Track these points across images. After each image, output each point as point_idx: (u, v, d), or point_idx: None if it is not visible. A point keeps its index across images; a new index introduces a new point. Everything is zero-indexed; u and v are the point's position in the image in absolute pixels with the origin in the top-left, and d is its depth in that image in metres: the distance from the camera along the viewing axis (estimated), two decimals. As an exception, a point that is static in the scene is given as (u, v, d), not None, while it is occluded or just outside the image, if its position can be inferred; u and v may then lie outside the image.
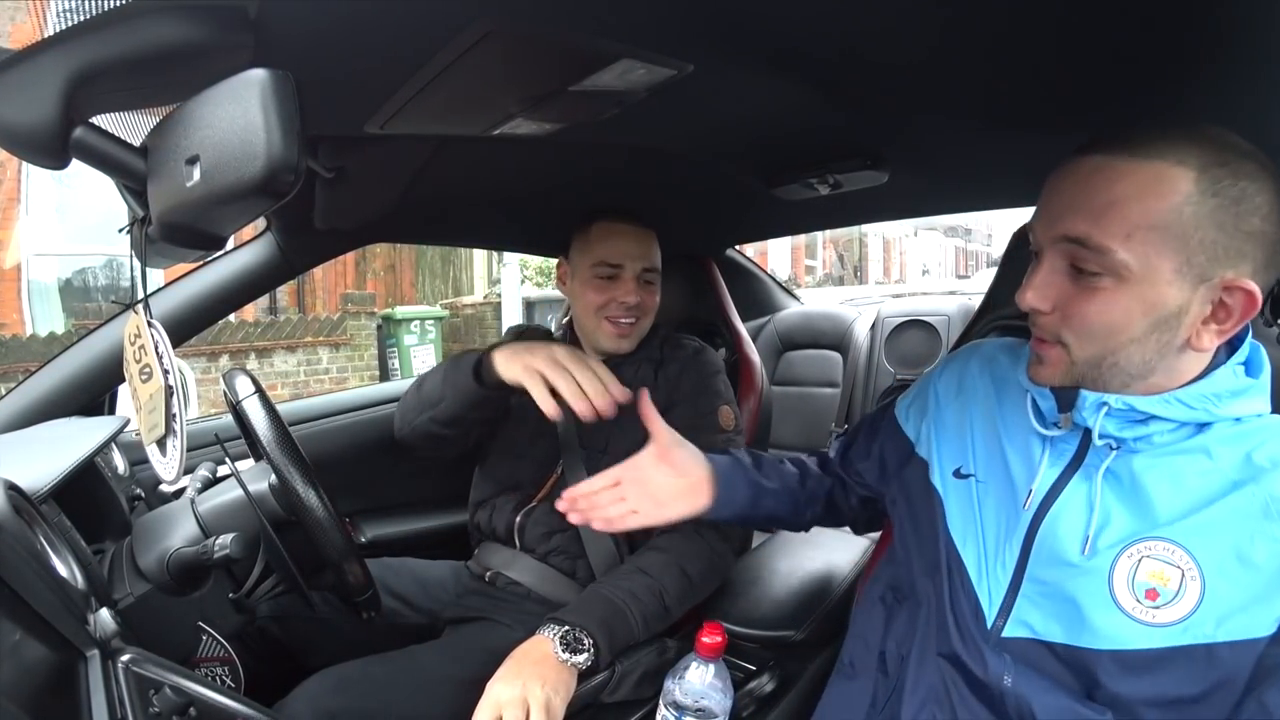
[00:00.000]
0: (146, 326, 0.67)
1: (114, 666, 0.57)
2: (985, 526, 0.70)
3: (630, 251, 1.13)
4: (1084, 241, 0.57)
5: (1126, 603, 0.59)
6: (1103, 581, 0.60)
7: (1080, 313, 0.59)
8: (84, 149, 0.48)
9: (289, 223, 1.17)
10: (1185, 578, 0.57)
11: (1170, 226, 0.55)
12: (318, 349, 6.08)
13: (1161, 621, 0.58)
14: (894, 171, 1.04)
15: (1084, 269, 0.58)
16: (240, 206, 0.46)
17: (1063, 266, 0.60)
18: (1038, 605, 0.64)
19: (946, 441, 0.77)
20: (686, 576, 0.97)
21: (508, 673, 0.79)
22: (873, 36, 0.64)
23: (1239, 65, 0.68)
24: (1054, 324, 0.61)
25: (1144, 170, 0.56)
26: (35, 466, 0.74)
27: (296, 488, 0.81)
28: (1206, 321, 0.58)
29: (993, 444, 0.73)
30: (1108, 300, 0.58)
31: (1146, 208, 0.55)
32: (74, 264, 6.47)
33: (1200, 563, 0.57)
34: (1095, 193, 0.57)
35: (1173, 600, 0.57)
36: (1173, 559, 0.58)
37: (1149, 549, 0.59)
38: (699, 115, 0.84)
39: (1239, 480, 0.59)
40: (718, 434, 1.11)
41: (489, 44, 0.58)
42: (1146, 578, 0.59)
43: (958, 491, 0.74)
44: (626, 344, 1.15)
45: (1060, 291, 0.60)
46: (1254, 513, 0.57)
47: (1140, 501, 0.61)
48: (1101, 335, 0.59)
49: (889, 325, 2.31)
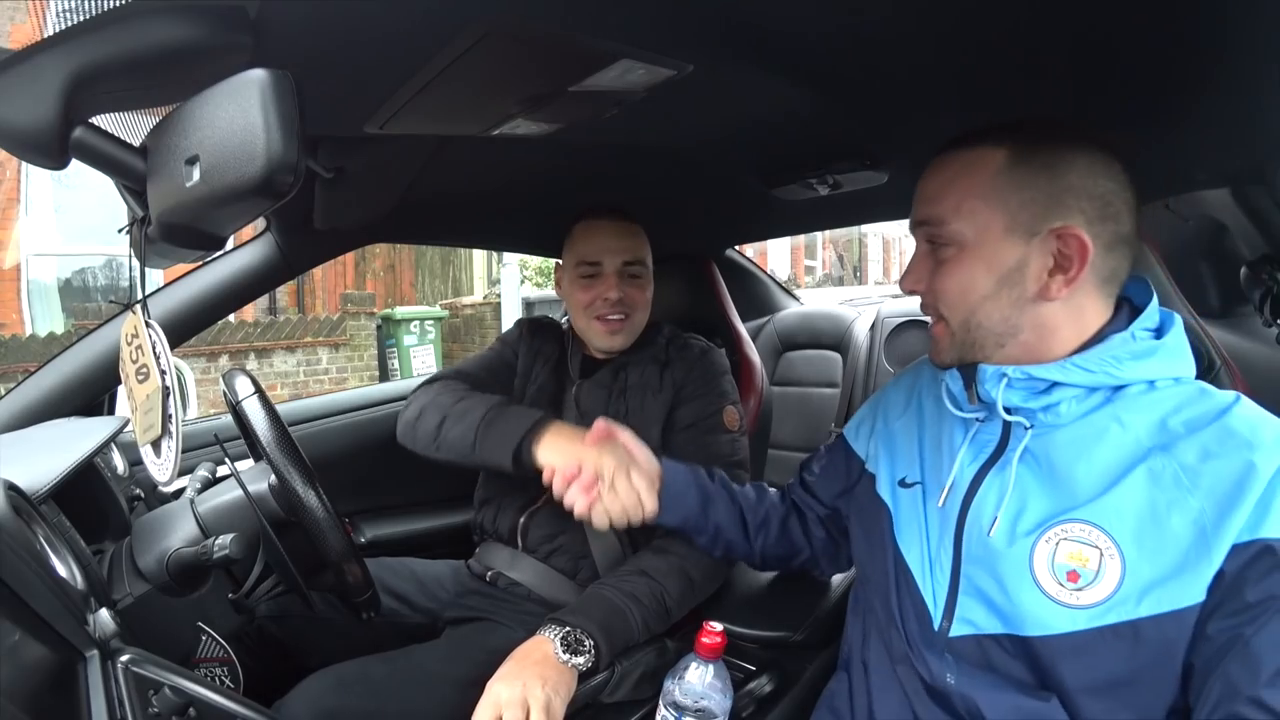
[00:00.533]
0: (144, 327, 0.67)
1: (113, 667, 0.57)
2: (928, 529, 0.72)
3: (608, 247, 1.12)
4: (928, 221, 0.68)
5: (1050, 587, 0.60)
6: (1024, 567, 0.61)
7: (941, 285, 0.68)
8: (84, 149, 0.48)
9: (288, 223, 1.17)
10: (1104, 557, 0.58)
11: (990, 193, 0.64)
12: (317, 349, 6.08)
13: (1085, 603, 0.58)
14: (894, 171, 1.04)
15: (935, 243, 0.68)
16: (240, 206, 0.46)
17: (924, 249, 0.70)
18: (976, 600, 0.65)
19: (895, 453, 0.80)
20: (689, 579, 0.97)
21: (508, 673, 0.79)
22: (872, 37, 0.65)
23: (1244, 65, 0.69)
24: (930, 301, 0.70)
25: (964, 156, 0.67)
26: (35, 466, 0.74)
27: (296, 488, 0.81)
28: (1053, 273, 0.64)
29: (927, 447, 0.76)
30: (956, 266, 0.66)
31: (968, 182, 0.66)
32: (73, 264, 6.47)
33: (1118, 540, 0.58)
34: (931, 181, 0.69)
35: (1093, 581, 0.58)
36: (1090, 539, 0.59)
37: (1066, 531, 0.60)
38: (699, 115, 0.85)
39: (1151, 447, 0.60)
40: (722, 434, 1.11)
41: (488, 44, 0.58)
42: (1066, 559, 0.60)
43: (905, 500, 0.75)
44: (619, 340, 1.15)
45: (926, 270, 0.69)
46: (1167, 482, 0.58)
47: (1056, 482, 0.63)
48: (959, 299, 0.67)
49: (889, 325, 2.30)
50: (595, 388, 1.16)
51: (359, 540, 1.48)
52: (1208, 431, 0.59)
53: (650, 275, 1.18)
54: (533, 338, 1.24)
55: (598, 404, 1.14)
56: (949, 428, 0.74)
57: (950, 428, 0.74)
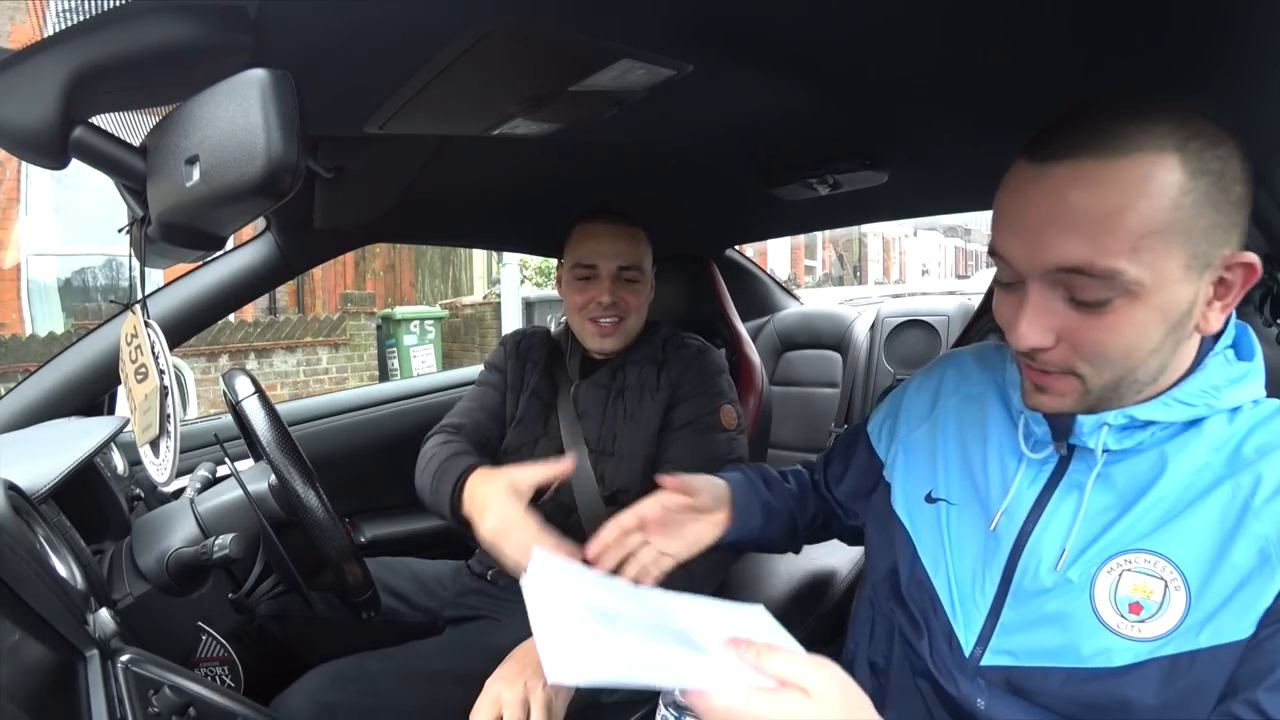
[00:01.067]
0: (143, 327, 0.67)
1: (113, 666, 0.57)
2: (958, 552, 0.65)
3: (603, 251, 1.13)
4: (1086, 270, 0.50)
5: (1110, 619, 0.56)
6: (1085, 599, 0.57)
7: (1094, 341, 0.52)
8: (84, 149, 0.48)
9: (288, 223, 1.17)
10: (1169, 588, 0.54)
11: (1174, 225, 0.49)
12: (317, 349, 6.08)
13: (1147, 636, 0.55)
14: (894, 171, 1.04)
15: (1088, 299, 0.51)
16: (240, 206, 0.46)
17: (1059, 295, 0.53)
18: (1021, 631, 0.61)
19: (916, 465, 0.73)
20: (690, 575, 0.97)
21: (509, 672, 0.79)
22: (872, 37, 0.64)
23: (1245, 65, 0.69)
24: (1062, 357, 0.54)
25: (1128, 169, 0.49)
26: (35, 466, 0.74)
27: (296, 488, 0.81)
28: (1211, 302, 0.54)
29: (966, 465, 0.68)
30: (1122, 320, 0.51)
31: (1146, 212, 0.48)
32: (73, 264, 6.47)
33: (1184, 571, 0.54)
34: (1081, 209, 0.49)
35: (1157, 614, 0.54)
36: (1154, 570, 0.55)
37: (1130, 561, 0.56)
38: (699, 115, 0.85)
39: (1223, 475, 0.55)
40: (719, 433, 1.11)
41: (488, 44, 0.58)
42: (1129, 591, 0.56)
43: (927, 517, 0.69)
44: (610, 343, 1.15)
45: (1063, 321, 0.53)
46: (1236, 509, 0.54)
47: (1121, 511, 0.58)
48: (1121, 357, 0.53)
49: (889, 325, 2.31)
50: (593, 388, 1.16)
51: (359, 540, 1.48)
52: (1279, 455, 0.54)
53: (648, 279, 1.18)
54: (518, 349, 1.25)
55: (596, 404, 1.14)
56: (997, 445, 0.66)
57: (1000, 445, 0.66)
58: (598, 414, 1.13)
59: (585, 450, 1.12)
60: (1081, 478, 0.60)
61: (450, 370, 2.15)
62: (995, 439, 0.67)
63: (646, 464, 1.09)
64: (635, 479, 1.09)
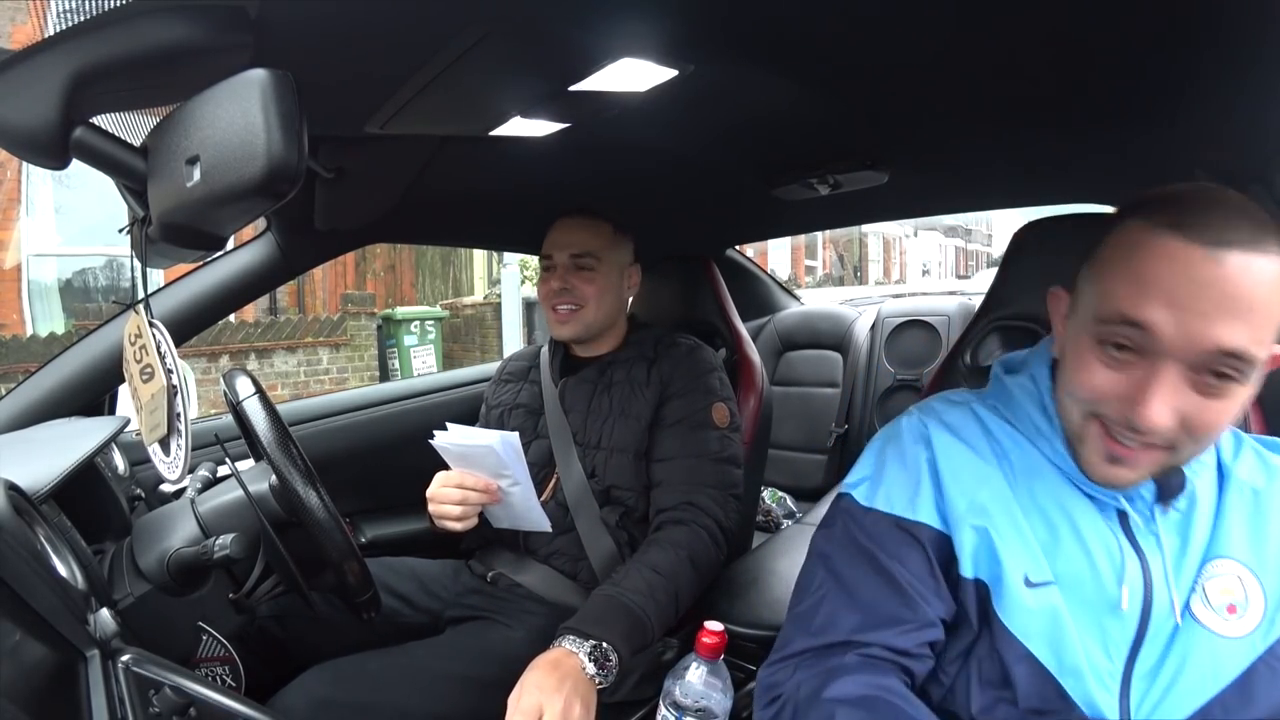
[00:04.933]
0: (148, 326, 0.66)
1: (114, 667, 0.57)
2: (1077, 635, 0.59)
3: (558, 240, 1.16)
4: (1241, 355, 0.51)
5: (1216, 625, 0.59)
6: (1194, 624, 0.59)
7: (1207, 422, 0.54)
8: (84, 149, 0.49)
9: (289, 223, 1.17)
10: (1242, 581, 0.59)
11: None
12: (318, 349, 6.08)
13: (1244, 631, 0.58)
14: (894, 171, 1.04)
15: (1217, 379, 0.52)
16: (240, 207, 0.46)
17: (1191, 376, 0.53)
18: (1158, 693, 0.58)
19: (996, 546, 0.62)
20: (696, 569, 0.97)
21: (550, 684, 0.77)
22: (872, 38, 0.65)
23: (1245, 65, 0.69)
24: (1172, 434, 0.54)
25: (1273, 267, 0.51)
26: (35, 466, 0.74)
27: (296, 488, 0.81)
28: None
29: (1064, 536, 0.61)
30: (1234, 404, 0.54)
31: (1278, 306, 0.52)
32: (74, 264, 6.47)
33: (1239, 559, 0.60)
34: (1243, 298, 0.51)
35: (1246, 606, 0.59)
36: (1224, 569, 0.60)
37: (1206, 573, 0.60)
38: (699, 115, 0.85)
39: (1259, 489, 0.62)
40: (710, 430, 1.11)
41: (488, 45, 0.58)
42: (1220, 596, 0.59)
43: (1031, 602, 0.60)
44: (567, 330, 1.17)
45: (1184, 401, 0.53)
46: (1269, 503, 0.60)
47: (1181, 537, 0.61)
48: (1218, 435, 0.56)
49: (889, 325, 2.31)
50: (579, 384, 1.17)
51: (359, 540, 1.48)
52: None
53: (611, 270, 1.17)
54: (501, 374, 1.30)
55: (581, 398, 1.15)
56: (1069, 506, 0.62)
57: (1072, 506, 0.62)
58: (583, 408, 1.14)
59: (575, 447, 1.12)
60: (1150, 525, 0.61)
61: (450, 370, 2.15)
62: (1066, 497, 0.63)
63: (638, 459, 1.10)
64: (627, 474, 1.09)
